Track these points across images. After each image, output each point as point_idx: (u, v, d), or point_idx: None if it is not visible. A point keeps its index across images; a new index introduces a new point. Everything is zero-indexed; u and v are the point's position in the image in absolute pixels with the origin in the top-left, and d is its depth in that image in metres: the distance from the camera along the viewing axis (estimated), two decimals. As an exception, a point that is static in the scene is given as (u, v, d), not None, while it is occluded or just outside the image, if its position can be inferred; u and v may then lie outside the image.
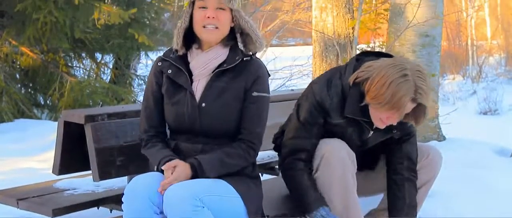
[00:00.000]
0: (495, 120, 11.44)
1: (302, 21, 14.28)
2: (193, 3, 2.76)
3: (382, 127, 2.97)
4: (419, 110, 2.90)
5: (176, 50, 2.79)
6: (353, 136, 3.06)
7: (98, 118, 3.08)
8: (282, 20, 14.92)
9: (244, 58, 2.77)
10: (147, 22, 9.06)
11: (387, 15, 6.95)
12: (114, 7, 8.16)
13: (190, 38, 2.80)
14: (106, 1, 8.64)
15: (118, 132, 3.14)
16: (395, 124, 2.95)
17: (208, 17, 2.71)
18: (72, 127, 3.11)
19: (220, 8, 2.72)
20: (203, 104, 2.73)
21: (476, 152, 5.39)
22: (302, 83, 9.81)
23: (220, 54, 2.77)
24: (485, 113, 12.23)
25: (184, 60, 2.80)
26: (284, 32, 16.24)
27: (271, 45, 14.35)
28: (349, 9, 6.27)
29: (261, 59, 2.86)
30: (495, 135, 7.45)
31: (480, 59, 19.64)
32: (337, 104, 2.97)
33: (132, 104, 7.81)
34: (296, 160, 3.01)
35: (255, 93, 2.76)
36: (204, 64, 2.77)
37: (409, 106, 2.84)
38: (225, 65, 2.75)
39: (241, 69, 2.77)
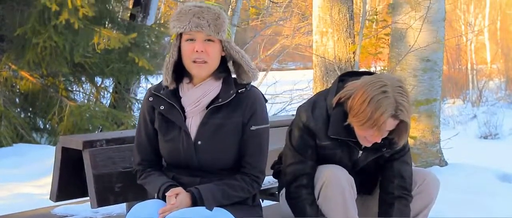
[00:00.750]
0: (496, 144, 11.41)
1: (302, 46, 14.33)
2: (181, 35, 2.64)
3: (369, 145, 2.91)
4: (400, 127, 2.81)
5: (167, 86, 2.69)
6: (343, 158, 2.99)
7: (96, 144, 3.05)
8: (282, 45, 14.98)
9: (239, 91, 2.68)
10: (147, 46, 9.04)
11: (388, 39, 6.95)
12: (114, 31, 8.17)
13: (181, 70, 2.69)
14: (106, 25, 8.64)
15: (116, 158, 3.10)
16: (379, 141, 2.87)
17: (197, 51, 2.59)
18: (70, 152, 3.08)
19: (209, 40, 2.61)
20: (199, 142, 2.65)
21: (479, 178, 5.37)
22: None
23: (212, 89, 2.67)
24: (485, 137, 12.21)
25: (175, 94, 2.70)
26: (284, 56, 16.28)
27: (272, 69, 14.37)
28: (350, 33, 6.26)
29: (262, 83, 2.79)
30: (496, 160, 7.42)
31: (480, 83, 19.65)
32: (322, 126, 2.92)
33: (131, 129, 7.76)
34: (299, 188, 2.96)
35: (253, 127, 2.67)
36: (196, 100, 2.66)
37: (391, 124, 2.76)
38: (219, 100, 2.65)
39: (237, 102, 2.67)
